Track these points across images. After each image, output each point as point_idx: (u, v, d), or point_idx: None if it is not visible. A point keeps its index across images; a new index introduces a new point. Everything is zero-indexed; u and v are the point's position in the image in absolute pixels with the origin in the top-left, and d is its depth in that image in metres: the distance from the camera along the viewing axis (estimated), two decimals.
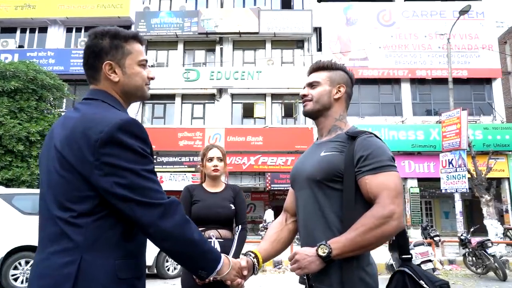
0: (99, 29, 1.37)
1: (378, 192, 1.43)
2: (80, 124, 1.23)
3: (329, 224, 1.51)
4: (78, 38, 19.65)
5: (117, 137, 1.20)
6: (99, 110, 1.29)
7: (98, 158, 1.18)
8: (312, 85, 1.70)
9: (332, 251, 1.40)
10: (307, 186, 1.59)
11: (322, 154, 1.59)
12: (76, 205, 1.20)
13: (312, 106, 1.68)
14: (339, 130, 1.66)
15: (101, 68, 1.35)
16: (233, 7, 19.83)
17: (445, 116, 12.20)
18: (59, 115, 12.43)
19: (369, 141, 1.53)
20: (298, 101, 18.85)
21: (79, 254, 1.17)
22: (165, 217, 1.22)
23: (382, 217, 1.39)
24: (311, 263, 1.42)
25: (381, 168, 1.47)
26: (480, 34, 18.55)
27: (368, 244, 1.40)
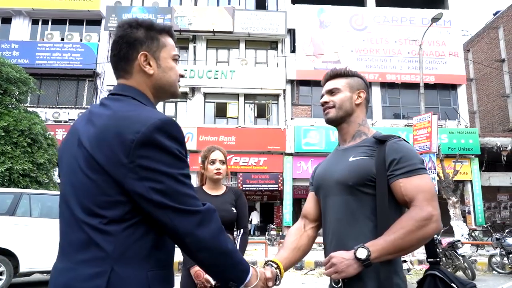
0: (132, 20, 1.28)
1: (414, 195, 1.43)
2: (113, 122, 1.12)
3: (363, 229, 1.50)
4: (45, 30, 18.87)
5: (155, 139, 1.09)
6: (132, 107, 1.17)
7: (133, 161, 1.07)
8: (332, 92, 1.69)
9: (371, 253, 1.37)
10: (337, 192, 1.57)
11: (351, 159, 1.58)
12: (106, 211, 1.09)
13: (335, 112, 1.68)
14: (364, 135, 1.66)
15: (135, 59, 1.25)
16: (207, 5, 19.63)
17: (416, 120, 12.54)
18: (25, 110, 11.87)
19: (400, 144, 1.53)
20: (271, 102, 18.91)
21: (109, 264, 1.06)
22: (202, 225, 1.12)
23: (422, 219, 1.38)
24: (348, 267, 1.39)
25: (415, 171, 1.47)
26: (447, 41, 19.22)
27: (409, 246, 1.39)
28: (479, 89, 25.89)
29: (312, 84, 18.93)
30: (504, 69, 23.31)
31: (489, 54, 24.74)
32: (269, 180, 18.04)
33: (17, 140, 10.25)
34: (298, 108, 18.85)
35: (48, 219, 7.12)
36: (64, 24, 19.19)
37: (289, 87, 18.90)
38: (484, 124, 24.90)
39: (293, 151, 17.95)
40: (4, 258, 6.53)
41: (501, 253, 9.73)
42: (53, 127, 15.66)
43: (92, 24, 19.21)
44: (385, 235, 1.40)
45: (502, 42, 23.76)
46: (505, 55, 23.50)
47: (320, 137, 17.88)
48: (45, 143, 11.10)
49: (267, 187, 18.33)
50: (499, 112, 23.91)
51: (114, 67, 1.30)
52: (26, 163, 10.20)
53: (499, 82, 23.91)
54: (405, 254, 1.46)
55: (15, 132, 10.26)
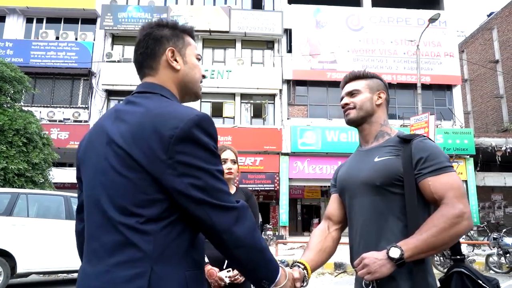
0: (157, 20, 1.30)
1: (444, 192, 1.43)
2: (149, 119, 1.09)
3: (392, 229, 1.50)
4: (39, 29, 18.68)
5: (194, 134, 1.08)
6: (165, 104, 1.16)
7: (171, 157, 1.05)
8: (352, 93, 1.71)
9: (404, 253, 1.36)
10: (364, 193, 1.58)
11: (376, 160, 1.59)
12: (143, 210, 1.06)
13: (356, 113, 1.69)
14: (387, 135, 1.67)
15: (162, 55, 1.25)
16: (203, 4, 19.57)
17: (413, 120, 12.58)
18: (20, 109, 11.74)
19: (426, 143, 1.54)
20: (268, 102, 18.89)
21: (148, 265, 1.04)
22: (239, 222, 1.11)
23: (454, 217, 1.38)
24: (382, 267, 1.38)
25: (443, 169, 1.47)
26: (443, 42, 19.32)
27: (441, 244, 1.39)
28: (473, 90, 26.07)
29: (308, 84, 18.95)
30: (498, 70, 23.49)
31: (483, 55, 24.92)
32: (265, 180, 18.01)
33: (12, 139, 10.15)
34: (294, 108, 18.85)
35: (46, 219, 7.05)
36: (59, 22, 19.02)
37: (286, 87, 18.88)
38: (478, 124, 25.08)
39: (289, 151, 17.94)
40: (1, 258, 6.44)
41: (498, 252, 9.79)
42: (48, 126, 15.52)
43: (88, 23, 19.05)
44: (417, 233, 1.40)
45: (496, 43, 23.95)
46: (499, 56, 23.68)
47: (316, 137, 17.89)
48: (40, 143, 11.00)
49: (263, 187, 18.29)
50: (493, 113, 24.09)
51: (139, 66, 1.29)
52: (21, 163, 10.10)
53: (493, 83, 24.10)
54: (437, 252, 1.47)
55: (10, 131, 10.16)
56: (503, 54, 23.39)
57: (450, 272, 1.51)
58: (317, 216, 22.59)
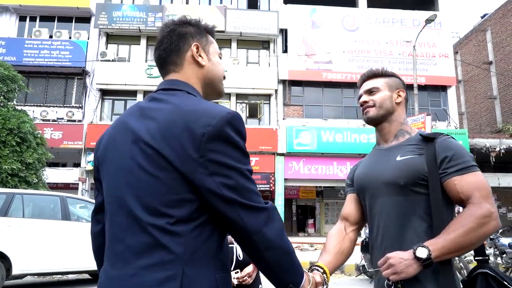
0: (181, 18, 1.29)
1: (471, 192, 1.41)
2: (178, 116, 1.06)
3: (416, 230, 1.46)
4: (33, 27, 18.47)
5: (226, 132, 1.05)
6: (195, 101, 1.13)
7: (203, 155, 1.02)
8: (371, 91, 1.68)
9: (431, 253, 1.33)
10: (387, 193, 1.54)
11: (399, 159, 1.55)
12: (173, 210, 1.02)
13: (376, 111, 1.66)
14: (407, 134, 1.64)
15: (187, 51, 1.24)
16: (198, 4, 19.49)
17: (410, 120, 12.59)
18: (14, 108, 11.58)
19: (450, 142, 1.50)
20: (263, 102, 18.85)
21: (180, 267, 1.00)
22: (269, 223, 1.07)
23: (482, 217, 1.35)
24: (408, 267, 1.34)
25: (468, 168, 1.45)
26: (438, 43, 19.42)
27: (470, 244, 1.36)
28: (467, 91, 26.24)
29: (304, 84, 18.94)
30: (491, 71, 23.67)
31: (477, 56, 25.10)
32: (260, 180, 17.96)
33: (6, 139, 10.00)
34: (290, 108, 18.82)
35: (41, 219, 6.93)
36: (53, 21, 18.82)
37: (281, 87, 18.85)
38: (472, 125, 25.24)
39: (285, 151, 17.91)
40: None
41: (494, 253, 9.81)
42: (41, 126, 15.34)
43: (82, 21, 18.87)
44: (444, 233, 1.36)
45: (489, 44, 24.13)
46: (492, 57, 23.86)
47: (312, 138, 17.88)
48: (34, 142, 10.85)
49: (258, 187, 18.06)
50: (486, 114, 24.27)
51: (162, 62, 1.26)
52: (15, 163, 9.95)
53: (486, 84, 24.28)
54: (465, 253, 1.43)
55: (4, 130, 10.01)
56: (497, 55, 23.57)
57: (474, 273, 1.47)
58: (312, 217, 22.60)
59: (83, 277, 8.39)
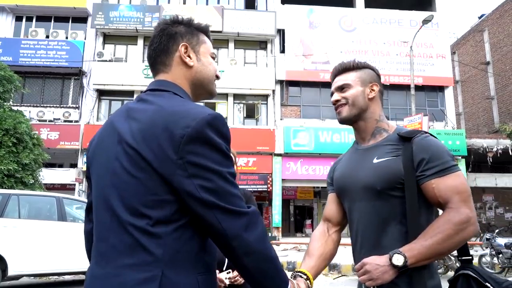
0: (172, 17, 1.28)
1: (449, 196, 1.35)
2: (160, 117, 1.05)
3: (394, 234, 1.42)
4: (29, 27, 18.39)
5: (206, 134, 1.03)
6: (179, 102, 1.12)
7: (182, 157, 1.01)
8: (342, 88, 1.58)
9: (407, 260, 1.30)
10: (365, 197, 1.49)
11: (375, 161, 1.48)
12: (153, 211, 1.02)
13: (349, 110, 1.57)
14: (385, 132, 1.56)
15: (175, 51, 1.23)
16: (196, 4, 19.46)
17: (407, 121, 12.62)
18: (10, 109, 11.53)
19: (427, 141, 1.43)
20: (261, 102, 18.83)
21: (159, 269, 0.99)
22: (250, 228, 1.05)
23: (460, 223, 1.31)
24: (384, 274, 1.32)
25: (447, 169, 1.38)
26: (435, 43, 19.45)
27: (447, 251, 1.33)
28: (464, 91, 26.31)
29: (301, 84, 18.93)
30: (489, 72, 23.73)
31: (475, 56, 25.17)
32: (258, 181, 17.95)
33: (2, 139, 9.98)
34: (287, 109, 18.81)
35: (37, 220, 6.90)
36: (49, 21, 18.75)
37: (279, 88, 18.84)
38: (469, 125, 25.31)
39: (283, 152, 17.90)
40: None
41: (491, 253, 9.84)
42: (38, 126, 15.27)
43: (78, 21, 18.81)
44: (421, 239, 1.33)
45: (487, 45, 24.20)
46: (490, 58, 23.93)
47: (309, 138, 17.88)
48: (30, 143, 10.82)
49: (256, 188, 18.22)
50: (484, 114, 24.34)
51: (152, 62, 1.27)
52: (11, 163, 9.93)
53: (484, 84, 24.35)
54: (441, 258, 1.38)
55: (0, 131, 9.95)
56: (494, 55, 23.64)
57: (456, 274, 1.45)
58: (310, 217, 22.58)
59: (79, 278, 8.36)
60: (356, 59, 1.64)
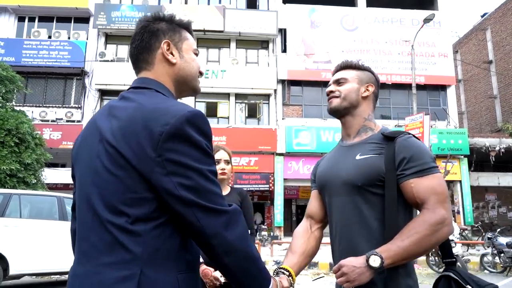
0: (154, 14, 1.27)
1: (426, 196, 1.38)
2: (139, 114, 1.04)
3: (373, 232, 1.45)
4: (31, 28, 18.46)
5: (185, 131, 1.03)
6: (159, 100, 1.11)
7: (160, 154, 1.00)
8: (339, 82, 1.65)
9: (384, 261, 1.32)
10: (345, 193, 1.52)
11: (358, 158, 1.52)
12: (131, 209, 1.01)
13: (339, 102, 1.62)
14: (370, 131, 1.60)
15: (158, 49, 1.21)
16: (197, 4, 19.48)
17: (408, 120, 12.59)
18: (12, 109, 11.58)
19: (410, 141, 1.47)
20: (262, 102, 18.84)
21: (138, 267, 0.99)
22: (230, 227, 1.05)
23: (436, 224, 1.34)
24: (360, 275, 1.33)
25: (426, 170, 1.41)
26: (437, 42, 19.39)
27: (423, 251, 1.36)
28: (467, 90, 26.21)
29: (303, 84, 18.93)
30: (491, 70, 23.64)
31: (477, 55, 25.07)
32: (260, 180, 17.96)
33: (4, 139, 10.01)
34: (289, 108, 18.81)
35: (39, 220, 6.94)
36: (52, 21, 18.81)
37: (280, 87, 18.84)
38: (472, 124, 25.22)
39: (284, 151, 17.90)
40: None
41: (492, 252, 9.83)
42: (40, 126, 15.33)
43: (80, 21, 18.87)
44: (398, 240, 1.35)
45: (489, 43, 24.10)
46: (492, 57, 23.84)
47: (311, 138, 17.87)
48: (32, 143, 10.85)
49: (258, 187, 18.24)
50: (486, 113, 24.24)
51: (134, 60, 1.25)
52: (13, 163, 9.96)
53: (486, 83, 24.25)
54: (417, 258, 1.43)
55: (2, 131, 10.02)
56: (497, 54, 23.55)
57: (439, 276, 1.48)
58: None
59: None
60: (361, 61, 1.71)
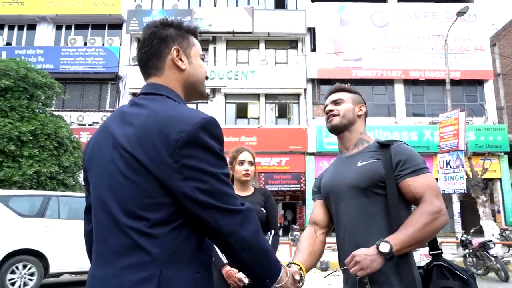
0: (162, 19, 1.29)
1: (423, 191, 1.59)
2: (154, 121, 1.08)
3: (378, 227, 1.62)
4: (68, 36, 19.23)
5: (200, 138, 1.07)
6: (172, 106, 1.15)
7: (178, 160, 1.05)
8: (337, 102, 1.86)
9: (393, 247, 1.47)
10: (351, 196, 1.70)
11: (359, 164, 1.72)
12: (150, 213, 1.06)
13: (339, 120, 1.83)
14: (366, 143, 1.82)
15: (168, 55, 1.24)
16: (226, 6, 19.66)
17: (442, 117, 12.22)
18: (51, 114, 12.09)
19: (403, 147, 1.70)
20: (292, 102, 18.79)
21: (157, 268, 1.04)
22: (244, 224, 1.12)
23: (434, 213, 1.53)
24: (373, 262, 1.46)
25: (420, 170, 1.63)
26: (473, 36, 18.72)
27: (425, 238, 1.53)
28: (506, 85, 25.09)
29: (333, 82, 18.50)
30: None
31: None
32: (291, 180, 17.93)
33: (44, 143, 10.46)
34: (319, 107, 18.64)
35: (76, 220, 7.21)
36: (87, 28, 19.52)
37: (310, 86, 18.74)
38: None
39: (315, 151, 17.78)
40: (35, 259, 6.65)
41: None
42: (78, 130, 15.94)
43: (114, 28, 19.48)
44: (402, 229, 1.52)
45: None
46: None
47: None
48: (70, 146, 11.30)
49: (289, 187, 18.21)
50: None
51: (144, 65, 1.28)
52: (53, 166, 10.40)
53: None
54: (421, 245, 1.57)
55: (42, 135, 10.47)
56: None
57: (430, 266, 1.63)
58: None
59: None
60: (349, 85, 1.94)
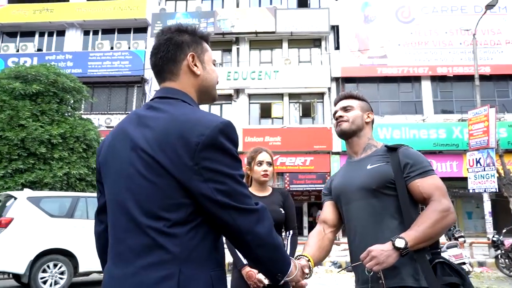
0: (177, 25, 1.33)
1: (431, 191, 1.67)
2: (174, 125, 1.12)
3: (389, 227, 1.70)
4: (95, 40, 19.75)
5: (219, 141, 1.12)
6: (189, 110, 1.19)
7: (198, 163, 1.09)
8: (346, 109, 1.93)
9: (408, 242, 1.53)
10: (361, 197, 1.78)
11: (369, 167, 1.80)
12: (170, 214, 1.10)
13: (349, 126, 1.90)
14: (374, 147, 1.90)
15: (183, 60, 1.28)
16: (249, 6, 19.72)
17: (471, 114, 11.89)
18: (80, 117, 12.43)
19: (410, 151, 1.80)
20: (316, 101, 18.66)
21: (177, 266, 1.07)
22: (260, 223, 1.17)
23: (443, 211, 1.61)
24: (388, 257, 1.52)
25: (427, 172, 1.72)
26: (503, 29, 18.11)
27: (436, 234, 1.61)
28: None
29: (358, 81, 18.49)
30: None
31: None
32: (316, 180, 17.80)
33: (73, 146, 10.78)
34: None
35: None
36: (113, 33, 19.99)
37: (334, 85, 18.56)
38: None
39: (340, 150, 17.56)
40: (65, 258, 6.88)
41: None
42: (106, 132, 16.29)
43: (139, 31, 19.87)
44: (415, 226, 1.59)
45: None
46: None
47: None
48: None
49: (314, 187, 18.09)
50: None
51: (159, 70, 1.30)
52: (82, 168, 10.70)
53: None
54: (432, 242, 1.63)
55: (71, 138, 10.79)
56: None
57: (433, 263, 1.67)
58: None
59: None
60: (358, 92, 2.04)
